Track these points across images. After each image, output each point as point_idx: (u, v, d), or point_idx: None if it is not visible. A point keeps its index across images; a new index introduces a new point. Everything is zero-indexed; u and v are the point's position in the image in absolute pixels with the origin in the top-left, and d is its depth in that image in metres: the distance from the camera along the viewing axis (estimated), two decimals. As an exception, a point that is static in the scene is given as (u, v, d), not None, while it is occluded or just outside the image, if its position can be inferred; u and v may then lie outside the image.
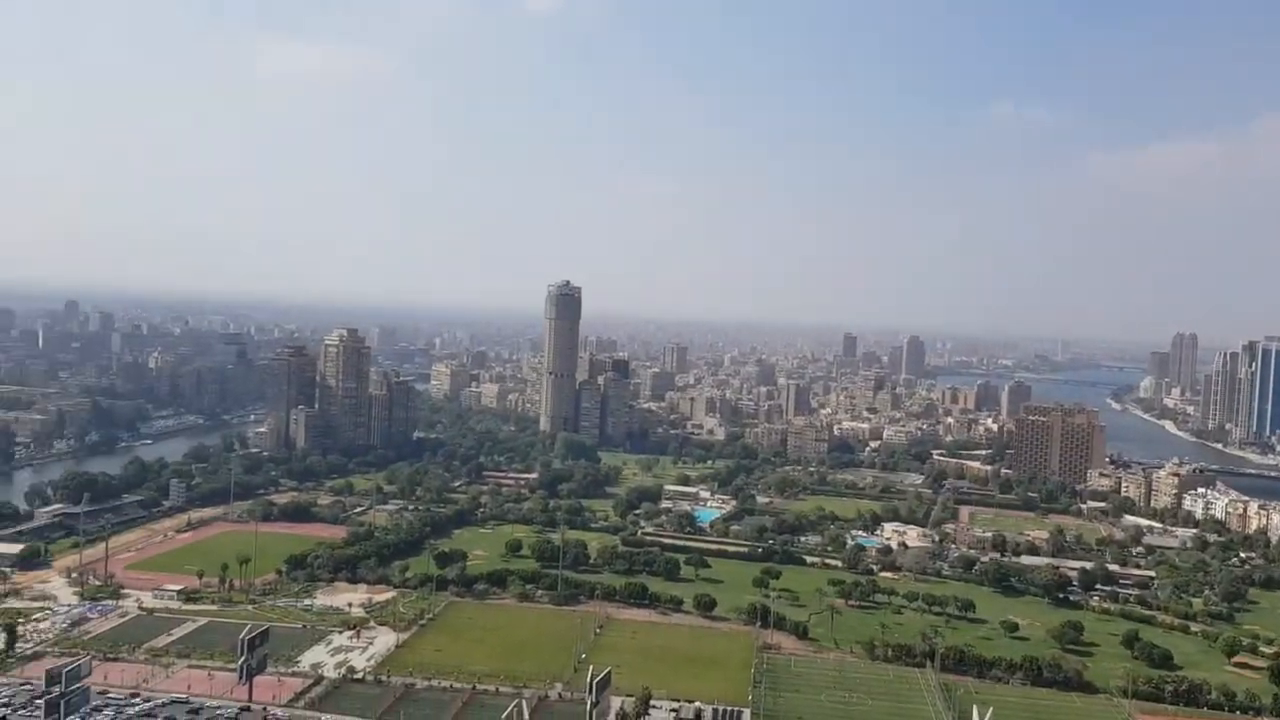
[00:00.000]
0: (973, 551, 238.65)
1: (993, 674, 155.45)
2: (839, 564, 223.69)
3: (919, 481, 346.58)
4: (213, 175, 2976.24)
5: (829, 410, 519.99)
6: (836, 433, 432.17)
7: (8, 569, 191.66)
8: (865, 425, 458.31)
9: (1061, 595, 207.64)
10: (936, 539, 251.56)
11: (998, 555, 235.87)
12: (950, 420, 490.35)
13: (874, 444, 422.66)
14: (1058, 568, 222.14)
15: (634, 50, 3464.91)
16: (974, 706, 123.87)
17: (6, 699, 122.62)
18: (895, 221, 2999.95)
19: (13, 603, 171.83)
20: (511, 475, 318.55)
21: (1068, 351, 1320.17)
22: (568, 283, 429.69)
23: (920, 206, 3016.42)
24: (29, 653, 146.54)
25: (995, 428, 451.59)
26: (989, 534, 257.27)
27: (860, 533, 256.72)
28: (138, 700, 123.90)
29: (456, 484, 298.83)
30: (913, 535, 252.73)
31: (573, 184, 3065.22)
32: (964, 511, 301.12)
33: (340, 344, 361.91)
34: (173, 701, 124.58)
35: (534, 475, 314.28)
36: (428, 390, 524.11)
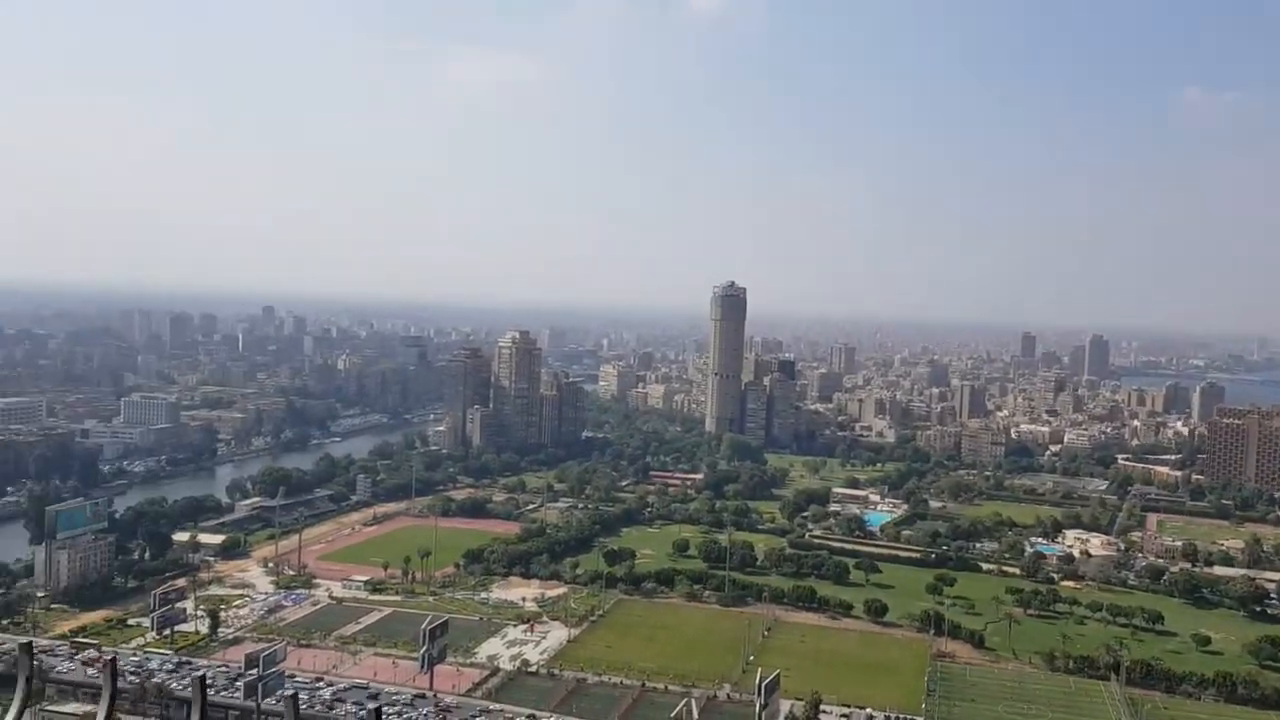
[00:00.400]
0: (1161, 561, 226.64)
1: (1183, 689, 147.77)
2: (1017, 572, 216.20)
3: (1102, 487, 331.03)
4: (389, 185, 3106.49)
5: (1006, 412, 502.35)
6: (1014, 436, 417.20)
7: (211, 558, 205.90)
8: (1045, 428, 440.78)
9: (1259, 608, 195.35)
10: (1122, 547, 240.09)
11: (1188, 565, 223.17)
12: (1136, 423, 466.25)
13: (1054, 448, 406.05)
14: (1254, 579, 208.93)
15: (797, 45, 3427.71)
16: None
17: (209, 680, 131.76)
18: (1075, 217, 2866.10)
19: (216, 590, 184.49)
20: (678, 475, 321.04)
21: (1265, 350, 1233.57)
22: (733, 283, 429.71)
23: (1103, 201, 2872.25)
24: (230, 637, 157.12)
25: (1185, 431, 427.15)
26: (1179, 543, 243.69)
27: (1040, 540, 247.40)
28: (321, 685, 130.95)
29: (624, 483, 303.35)
30: (1096, 543, 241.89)
31: (737, 183, 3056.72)
32: (1151, 519, 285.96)
33: (513, 346, 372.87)
34: (353, 687, 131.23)
35: (700, 476, 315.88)
36: (596, 390, 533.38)
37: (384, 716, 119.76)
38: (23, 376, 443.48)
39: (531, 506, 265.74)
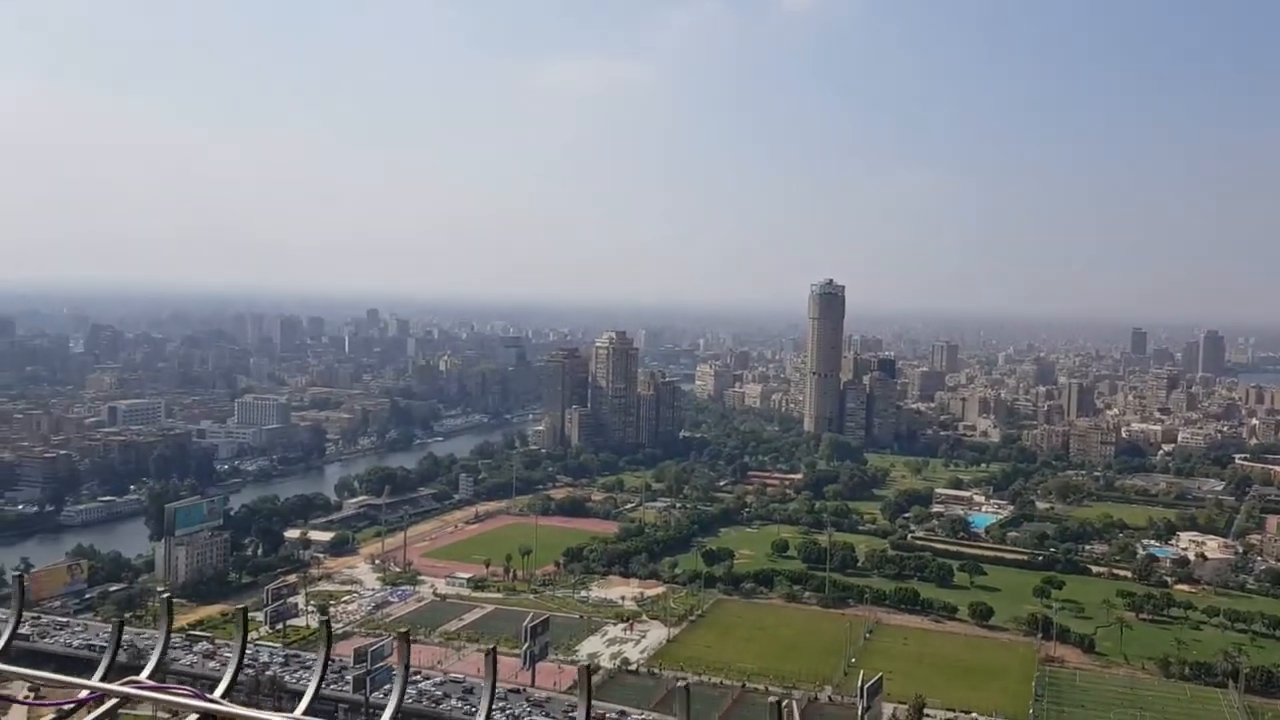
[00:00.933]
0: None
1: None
2: (1128, 575, 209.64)
3: (1219, 488, 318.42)
4: (488, 191, 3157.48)
5: (1116, 411, 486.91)
6: (1124, 435, 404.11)
7: (321, 555, 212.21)
8: (1157, 427, 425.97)
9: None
10: (1240, 550, 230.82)
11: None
12: (1255, 422, 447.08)
13: (1167, 447, 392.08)
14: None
15: (892, 41, 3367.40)
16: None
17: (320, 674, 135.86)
18: (1188, 209, 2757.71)
19: (325, 585, 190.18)
20: (776, 475, 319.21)
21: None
22: (830, 281, 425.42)
23: (1218, 193, 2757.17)
24: (339, 632, 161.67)
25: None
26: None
27: (1152, 542, 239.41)
28: (418, 677, 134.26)
29: (722, 483, 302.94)
30: (1212, 546, 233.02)
31: (833, 181, 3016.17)
32: (1272, 521, 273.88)
33: (610, 346, 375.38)
34: (449, 680, 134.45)
35: (799, 476, 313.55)
36: (692, 390, 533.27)
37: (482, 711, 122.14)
38: (142, 379, 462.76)
39: (629, 506, 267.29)
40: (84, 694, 6.13)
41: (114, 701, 6.20)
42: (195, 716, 6.10)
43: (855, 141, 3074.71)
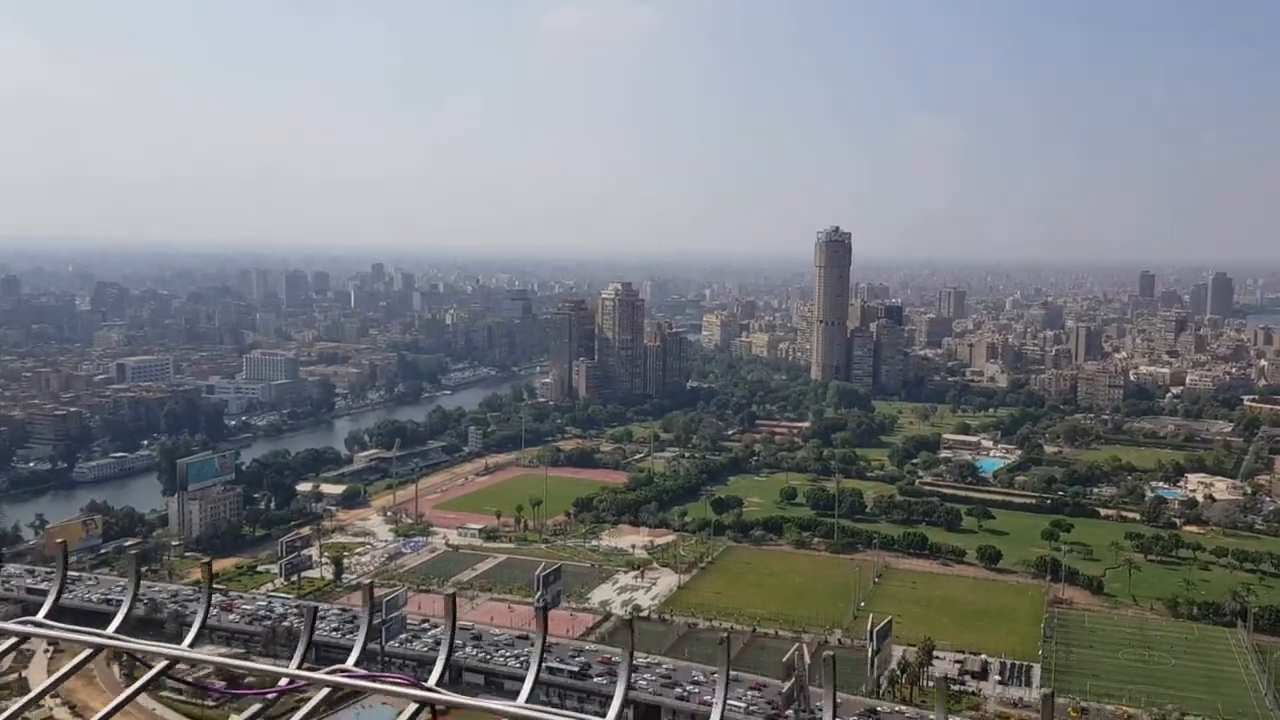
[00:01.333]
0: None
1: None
2: (1136, 517, 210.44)
3: (1227, 430, 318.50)
4: (491, 142, 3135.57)
5: (1124, 354, 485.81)
6: (1132, 378, 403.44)
7: (333, 507, 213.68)
8: (1165, 370, 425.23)
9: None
10: (1249, 491, 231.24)
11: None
12: (1264, 363, 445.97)
13: (1175, 390, 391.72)
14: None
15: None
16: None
17: (336, 625, 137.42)
18: (1194, 151, 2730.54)
19: (339, 538, 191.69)
20: (784, 424, 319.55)
21: None
22: (837, 229, 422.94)
23: (1223, 134, 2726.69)
24: (353, 583, 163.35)
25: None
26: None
27: (1161, 484, 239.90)
28: (427, 625, 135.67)
29: (730, 432, 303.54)
30: (1221, 487, 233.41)
31: (840, 129, 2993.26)
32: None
33: (616, 298, 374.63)
34: (459, 629, 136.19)
35: (807, 424, 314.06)
36: (699, 340, 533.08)
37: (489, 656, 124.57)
38: (149, 336, 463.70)
39: (639, 456, 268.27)
40: (283, 682, 5.80)
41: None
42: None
43: (866, 88, 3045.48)
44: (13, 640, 5.95)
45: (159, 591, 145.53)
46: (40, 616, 6.04)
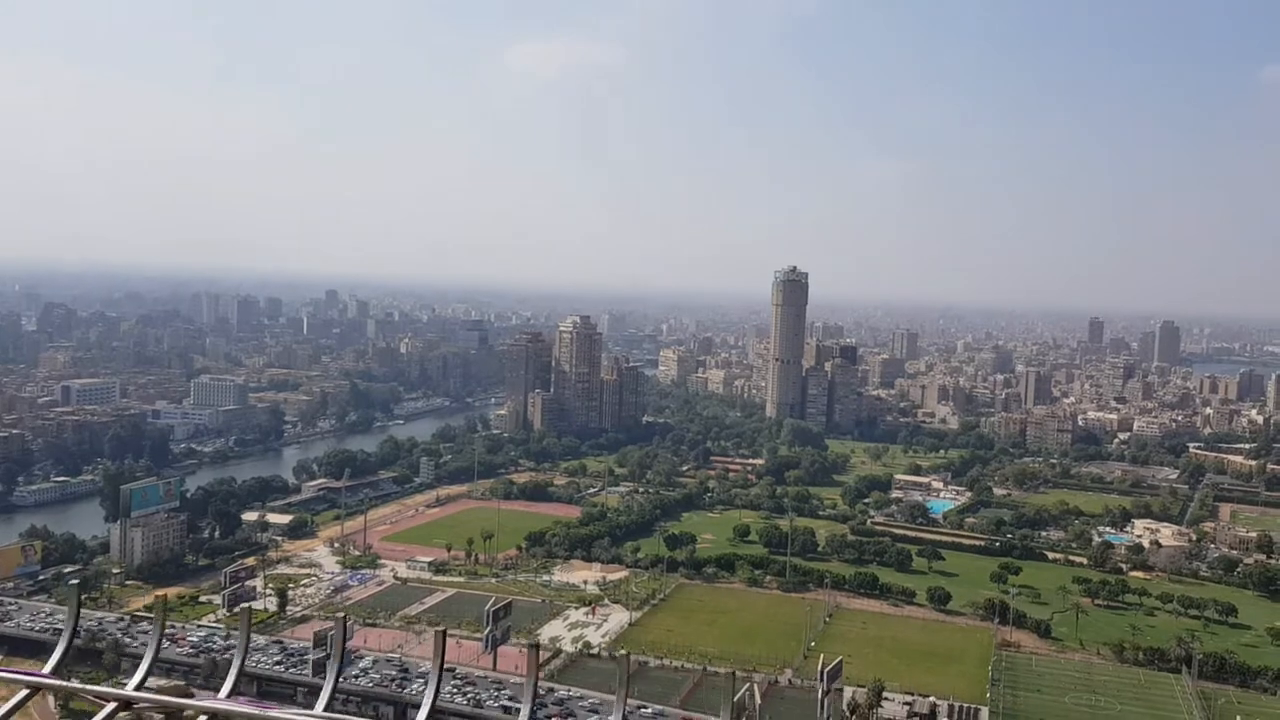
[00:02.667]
0: (1235, 552, 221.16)
1: (1258, 684, 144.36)
2: (1084, 561, 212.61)
3: (1173, 476, 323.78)
4: (448, 172, 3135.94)
5: (1072, 399, 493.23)
6: (1081, 423, 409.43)
7: (279, 538, 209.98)
8: (1113, 416, 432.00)
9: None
10: (1194, 538, 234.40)
11: (1263, 557, 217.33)
12: (1209, 411, 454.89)
13: (1123, 436, 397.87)
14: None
15: (855, 34, 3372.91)
16: (1236, 718, 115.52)
17: (279, 658, 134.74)
18: (1145, 200, 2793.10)
19: (284, 569, 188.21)
20: (738, 461, 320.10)
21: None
22: (794, 269, 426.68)
23: (1174, 184, 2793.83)
24: (298, 615, 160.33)
25: (1261, 419, 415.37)
26: (1253, 534, 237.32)
27: (1108, 529, 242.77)
28: (363, 659, 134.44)
29: (684, 468, 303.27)
30: (1166, 533, 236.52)
31: (798, 171, 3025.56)
32: (1225, 509, 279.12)
33: (573, 331, 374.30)
34: (383, 660, 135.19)
35: (761, 461, 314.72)
36: (656, 375, 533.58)
37: (406, 688, 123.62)
38: (96, 358, 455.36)
39: (592, 490, 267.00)
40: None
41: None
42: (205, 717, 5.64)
43: (823, 131, 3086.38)
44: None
45: (97, 621, 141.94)
46: None
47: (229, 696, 6.72)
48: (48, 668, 5.99)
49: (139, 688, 5.89)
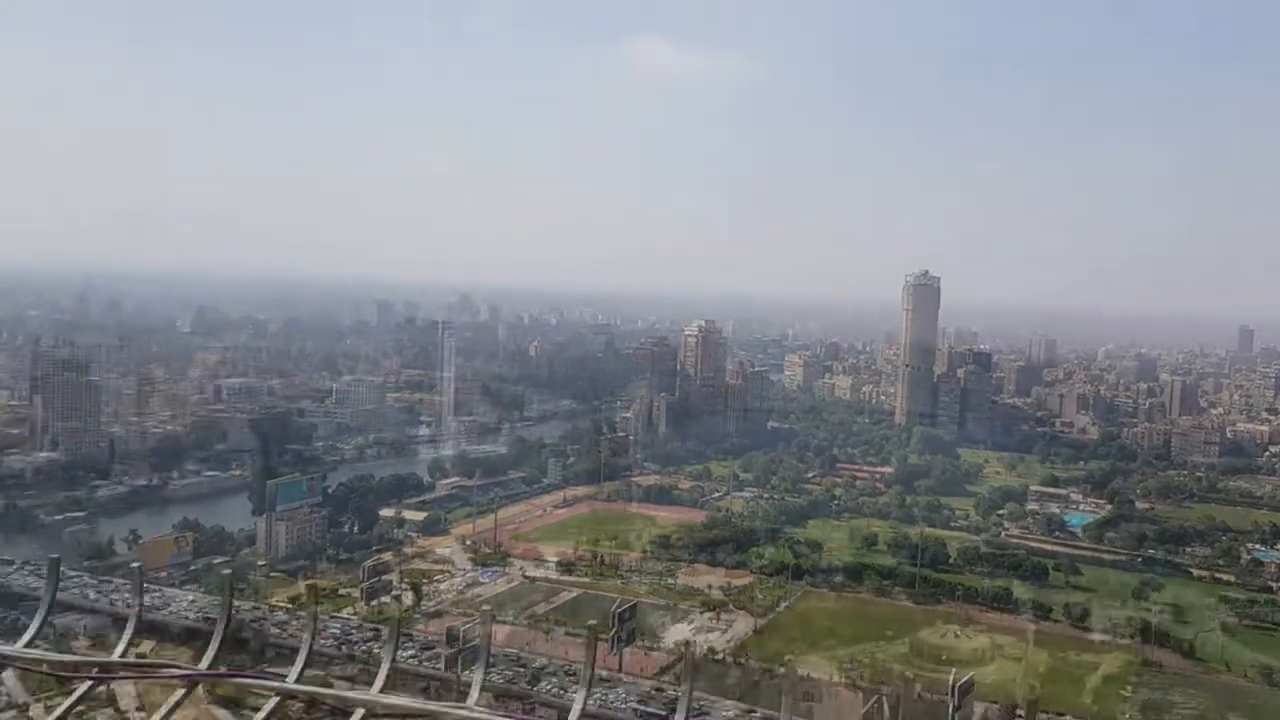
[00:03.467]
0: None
1: None
2: (1231, 579, 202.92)
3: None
4: (582, 182, 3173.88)
5: (1220, 410, 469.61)
6: (1229, 435, 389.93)
7: (414, 534, 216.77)
8: (1264, 427, 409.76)
9: None
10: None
11: None
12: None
13: (1274, 449, 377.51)
14: None
15: (1003, 42, 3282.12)
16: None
17: (413, 653, 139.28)
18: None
19: (419, 564, 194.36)
20: (866, 469, 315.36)
21: None
22: (926, 272, 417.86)
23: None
24: (432, 610, 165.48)
25: None
26: None
27: (1258, 546, 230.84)
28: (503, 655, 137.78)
29: (810, 475, 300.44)
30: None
31: (935, 171, 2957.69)
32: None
33: (699, 335, 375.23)
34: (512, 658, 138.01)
35: (889, 470, 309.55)
36: (781, 380, 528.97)
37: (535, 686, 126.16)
38: (245, 358, 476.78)
39: (717, 495, 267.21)
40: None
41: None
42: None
43: (953, 128, 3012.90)
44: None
45: (235, 610, 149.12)
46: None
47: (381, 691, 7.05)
48: (205, 660, 6.72)
49: (299, 679, 6.66)
